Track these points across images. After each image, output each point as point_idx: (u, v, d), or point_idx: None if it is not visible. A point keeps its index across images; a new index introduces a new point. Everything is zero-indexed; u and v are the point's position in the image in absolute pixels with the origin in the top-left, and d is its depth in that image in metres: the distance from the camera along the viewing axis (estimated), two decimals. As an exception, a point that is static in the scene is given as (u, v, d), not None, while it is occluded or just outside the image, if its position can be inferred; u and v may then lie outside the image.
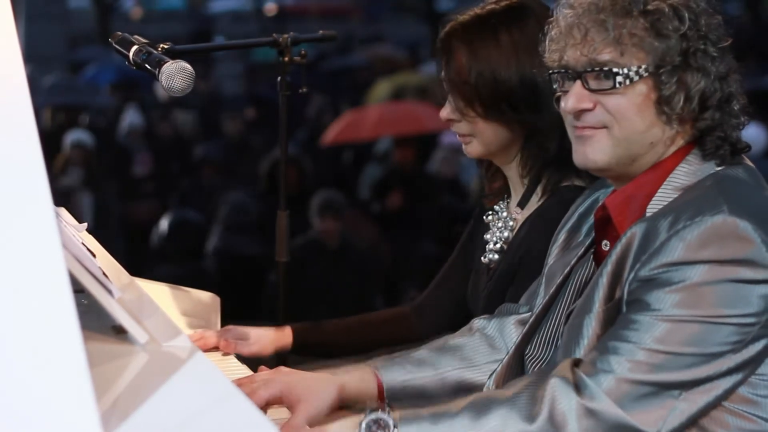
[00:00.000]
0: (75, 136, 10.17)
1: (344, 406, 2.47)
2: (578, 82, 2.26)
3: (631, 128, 2.24)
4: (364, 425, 2.17)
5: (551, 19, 2.32)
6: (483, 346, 2.61)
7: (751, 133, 9.98)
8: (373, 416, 2.17)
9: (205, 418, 1.85)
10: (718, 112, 2.23)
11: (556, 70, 2.30)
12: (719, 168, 2.24)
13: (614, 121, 2.24)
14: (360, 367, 2.52)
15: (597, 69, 2.23)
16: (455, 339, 2.63)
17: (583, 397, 2.10)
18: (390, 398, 2.49)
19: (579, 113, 2.27)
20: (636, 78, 2.21)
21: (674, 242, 2.12)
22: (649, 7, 2.21)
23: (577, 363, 2.17)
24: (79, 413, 1.64)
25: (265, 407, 2.41)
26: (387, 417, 2.16)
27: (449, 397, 2.50)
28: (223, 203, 8.12)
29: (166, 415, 1.84)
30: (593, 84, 2.25)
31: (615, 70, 2.22)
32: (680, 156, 2.26)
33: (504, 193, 2.94)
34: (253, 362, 2.84)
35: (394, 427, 2.15)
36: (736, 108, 2.25)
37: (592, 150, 2.28)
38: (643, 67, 2.21)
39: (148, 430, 1.79)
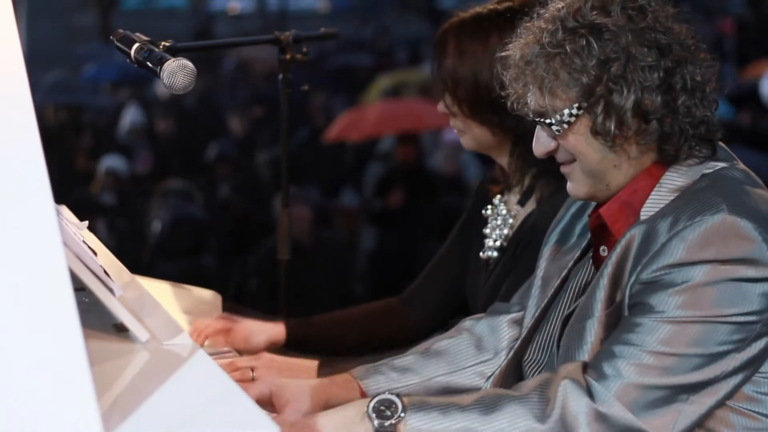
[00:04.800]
0: (109, 162, 10.05)
1: None
2: (539, 127, 2.30)
3: (588, 161, 2.25)
4: (372, 405, 2.16)
5: (503, 57, 2.30)
6: (469, 348, 2.59)
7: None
8: (381, 397, 2.17)
9: (206, 416, 1.85)
10: (668, 117, 2.19)
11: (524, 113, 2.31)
12: (712, 169, 2.22)
13: (575, 156, 2.26)
14: (344, 377, 2.51)
15: (539, 119, 2.26)
16: (441, 342, 2.62)
17: (595, 401, 2.10)
18: None
19: (548, 154, 2.30)
20: (571, 119, 2.21)
21: (675, 243, 2.12)
22: (568, 47, 2.19)
23: (585, 367, 2.16)
24: (80, 412, 1.64)
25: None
26: (396, 399, 2.16)
27: None
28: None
29: (167, 414, 1.84)
30: (546, 129, 2.27)
31: (548, 120, 2.23)
32: (661, 163, 2.25)
33: (509, 183, 2.94)
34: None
35: (403, 411, 2.15)
36: (692, 100, 2.20)
37: (572, 185, 2.31)
38: (575, 106, 2.20)
39: (149, 428, 1.79)
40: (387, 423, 2.15)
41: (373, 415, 2.15)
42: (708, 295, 2.10)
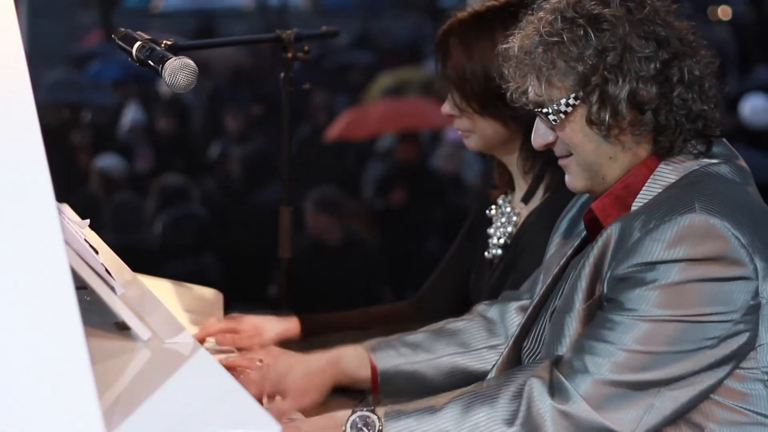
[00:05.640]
0: (104, 162, 10.01)
1: (340, 387, 2.53)
2: (537, 119, 2.31)
3: (584, 153, 2.26)
4: (349, 423, 2.19)
5: (504, 49, 2.32)
6: (481, 331, 2.63)
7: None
8: (359, 414, 2.19)
9: (208, 415, 1.85)
10: (663, 109, 2.20)
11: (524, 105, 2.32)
12: (701, 165, 2.23)
13: (572, 149, 2.27)
14: (355, 349, 2.55)
15: (537, 110, 2.27)
16: (454, 323, 2.66)
17: (557, 400, 2.12)
18: (383, 381, 2.53)
19: (547, 146, 2.32)
20: (568, 109, 2.23)
21: (647, 242, 2.13)
22: (565, 36, 2.20)
23: (557, 362, 2.18)
24: (81, 410, 1.64)
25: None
26: (372, 415, 2.18)
27: (443, 382, 2.56)
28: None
29: (169, 412, 1.84)
30: (544, 120, 2.29)
31: (545, 110, 2.25)
32: (657, 156, 2.25)
33: (511, 186, 2.95)
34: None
35: (379, 424, 2.17)
36: (688, 94, 2.21)
37: (570, 178, 2.32)
38: (572, 96, 2.22)
39: (150, 427, 1.79)
40: None
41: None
42: (681, 294, 2.11)
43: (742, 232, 2.12)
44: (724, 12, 19.31)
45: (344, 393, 2.60)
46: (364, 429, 2.18)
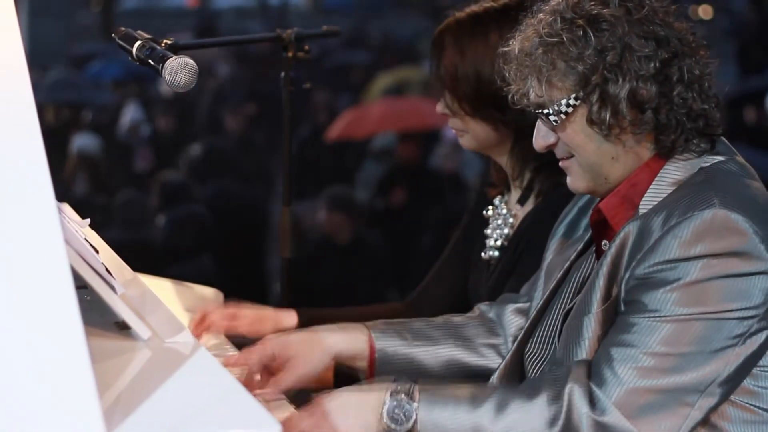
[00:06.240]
0: (80, 141, 9.99)
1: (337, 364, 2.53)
2: (539, 121, 2.31)
3: (585, 153, 2.26)
4: (386, 409, 2.17)
5: (504, 52, 2.32)
6: (481, 329, 2.63)
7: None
8: (396, 401, 2.16)
9: (208, 415, 1.85)
10: (663, 108, 2.20)
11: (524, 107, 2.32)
12: (710, 162, 2.23)
13: (573, 150, 2.27)
14: (357, 328, 2.55)
15: (538, 111, 2.27)
16: (456, 317, 2.66)
17: (594, 411, 2.10)
18: (380, 361, 2.52)
19: (548, 148, 2.31)
20: (569, 109, 2.23)
21: (668, 240, 2.12)
22: (565, 37, 2.20)
23: (588, 370, 2.16)
24: (81, 410, 1.64)
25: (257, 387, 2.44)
26: (409, 406, 2.16)
27: (440, 372, 2.55)
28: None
29: (169, 412, 1.84)
30: (545, 122, 2.29)
31: (546, 111, 2.25)
32: (659, 156, 2.25)
33: (507, 185, 2.95)
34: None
35: (417, 410, 2.15)
36: (688, 93, 2.21)
37: (572, 179, 2.32)
38: (572, 96, 2.22)
39: (151, 426, 1.79)
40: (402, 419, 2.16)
41: (387, 418, 2.16)
42: (704, 291, 2.10)
43: (760, 226, 2.12)
44: (705, 11, 19.27)
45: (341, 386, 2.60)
46: (401, 411, 2.16)
